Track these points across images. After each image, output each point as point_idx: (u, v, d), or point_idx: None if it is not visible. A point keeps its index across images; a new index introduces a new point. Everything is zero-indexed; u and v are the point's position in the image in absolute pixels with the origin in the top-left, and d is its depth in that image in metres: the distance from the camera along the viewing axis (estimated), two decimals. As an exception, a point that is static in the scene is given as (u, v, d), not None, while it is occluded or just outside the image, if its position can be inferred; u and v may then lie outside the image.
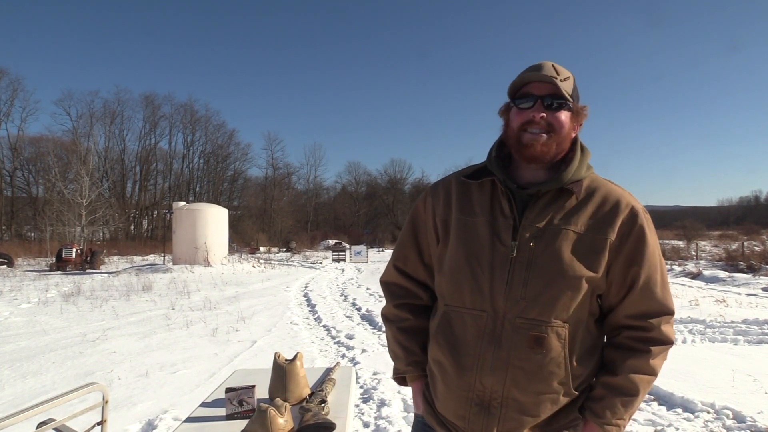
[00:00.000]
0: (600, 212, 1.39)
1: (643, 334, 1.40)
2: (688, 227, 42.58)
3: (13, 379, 5.51)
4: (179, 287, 14.63)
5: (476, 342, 1.38)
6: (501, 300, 1.36)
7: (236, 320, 9.09)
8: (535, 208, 1.39)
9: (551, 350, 1.34)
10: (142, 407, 4.55)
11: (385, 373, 5.53)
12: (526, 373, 1.34)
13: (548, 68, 1.40)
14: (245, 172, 72.14)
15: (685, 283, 15.83)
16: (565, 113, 1.41)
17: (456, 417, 1.43)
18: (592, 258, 1.35)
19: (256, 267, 23.67)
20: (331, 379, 2.32)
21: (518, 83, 1.43)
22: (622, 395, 1.36)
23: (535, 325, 1.34)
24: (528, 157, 1.41)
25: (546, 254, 1.35)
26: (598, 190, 1.42)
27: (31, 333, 8.09)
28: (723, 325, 8.03)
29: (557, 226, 1.37)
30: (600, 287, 1.40)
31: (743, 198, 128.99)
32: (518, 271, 1.35)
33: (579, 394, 1.40)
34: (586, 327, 1.41)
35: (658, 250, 1.43)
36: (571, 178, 1.40)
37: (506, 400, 1.36)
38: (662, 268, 1.43)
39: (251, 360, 6.29)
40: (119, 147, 61.70)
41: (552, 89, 1.38)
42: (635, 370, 1.37)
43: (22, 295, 13.22)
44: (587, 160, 1.47)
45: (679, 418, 4.25)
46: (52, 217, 32.88)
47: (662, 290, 1.41)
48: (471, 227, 1.44)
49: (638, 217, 1.39)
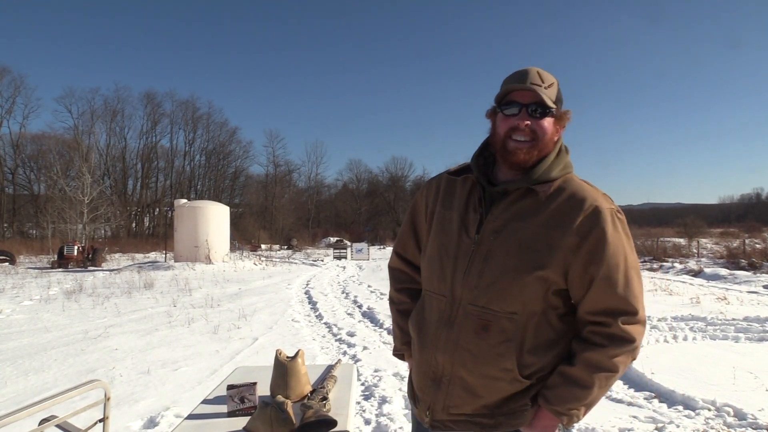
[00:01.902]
0: (561, 211, 1.44)
1: (603, 329, 1.43)
2: (690, 225, 42.54)
3: (15, 376, 5.53)
4: (181, 284, 14.65)
5: (436, 323, 1.52)
6: (458, 287, 1.48)
7: (238, 317, 9.10)
8: (500, 204, 1.49)
9: (496, 337, 1.42)
10: (144, 404, 4.56)
11: (386, 370, 5.53)
12: (472, 355, 1.44)
13: (533, 76, 1.46)
14: (247, 170, 72.26)
15: (687, 280, 15.82)
16: (549, 120, 1.48)
17: (418, 389, 1.60)
18: (545, 255, 1.41)
19: (257, 264, 23.70)
20: (333, 377, 2.33)
21: (505, 92, 1.49)
22: (575, 386, 1.40)
23: (484, 313, 1.44)
24: (511, 163, 1.50)
25: (502, 248, 1.44)
26: (566, 191, 1.47)
27: (33, 330, 8.11)
28: (724, 323, 8.03)
29: (517, 223, 1.45)
30: (557, 283, 1.44)
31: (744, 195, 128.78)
32: (476, 262, 1.46)
33: (534, 382, 1.45)
34: (545, 320, 1.46)
35: (625, 251, 1.45)
36: (538, 178, 1.46)
37: (454, 378, 1.48)
38: (627, 269, 1.44)
39: (252, 357, 6.30)
40: (120, 144, 61.78)
41: (536, 97, 1.44)
42: (590, 363, 1.41)
43: (24, 292, 13.25)
44: (563, 161, 1.52)
45: (680, 415, 4.25)
46: (54, 215, 32.88)
47: (624, 290, 1.42)
48: (447, 220, 1.57)
49: (600, 217, 1.42)
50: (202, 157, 68.07)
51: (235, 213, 47.55)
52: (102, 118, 59.55)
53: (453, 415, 1.51)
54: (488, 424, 1.48)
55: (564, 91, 1.55)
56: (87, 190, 30.88)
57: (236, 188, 70.60)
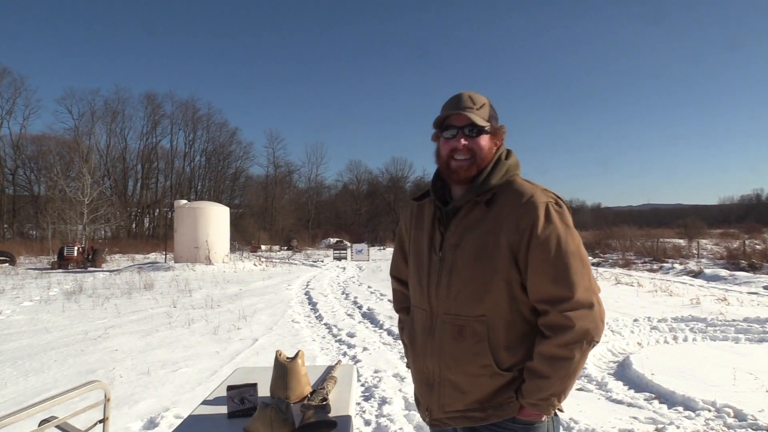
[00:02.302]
0: (503, 214, 1.57)
1: (545, 319, 1.52)
2: (690, 225, 42.53)
3: (15, 377, 5.53)
4: (181, 285, 14.65)
5: (421, 334, 1.71)
6: (434, 299, 1.65)
7: (238, 318, 9.10)
8: (455, 220, 1.65)
9: (471, 339, 1.57)
10: (144, 405, 4.56)
11: (386, 371, 5.53)
12: (453, 358, 1.60)
13: (465, 100, 1.63)
14: (247, 171, 72.21)
15: (687, 281, 15.82)
16: (484, 137, 1.64)
17: (418, 393, 1.79)
18: (498, 258, 1.54)
19: (257, 265, 23.68)
20: (333, 377, 2.33)
21: (442, 117, 1.65)
22: (537, 378, 1.51)
23: (457, 319, 1.59)
24: (455, 181, 1.66)
25: (462, 260, 1.59)
26: (506, 194, 1.60)
27: (33, 331, 8.11)
28: (724, 324, 8.03)
29: (469, 234, 1.60)
30: (517, 279, 1.55)
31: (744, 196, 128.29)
32: (444, 275, 1.63)
33: (516, 374, 1.56)
34: (517, 316, 1.57)
35: (560, 239, 1.51)
36: (478, 189, 1.61)
37: (443, 380, 1.63)
38: (563, 256, 1.50)
39: (252, 358, 6.30)
40: (121, 145, 61.77)
41: (469, 120, 1.61)
42: (544, 355, 1.50)
43: (24, 293, 13.25)
44: (503, 168, 1.64)
45: (680, 416, 4.24)
46: (54, 216, 32.86)
47: (558, 277, 1.49)
48: (419, 240, 1.76)
49: (537, 210, 1.52)
50: (202, 158, 68.12)
51: (235, 214, 47.52)
52: (102, 119, 59.57)
53: (448, 412, 1.65)
54: (480, 417, 1.59)
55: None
56: (87, 190, 30.89)
57: (236, 189, 70.61)
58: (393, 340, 7.26)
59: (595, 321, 1.50)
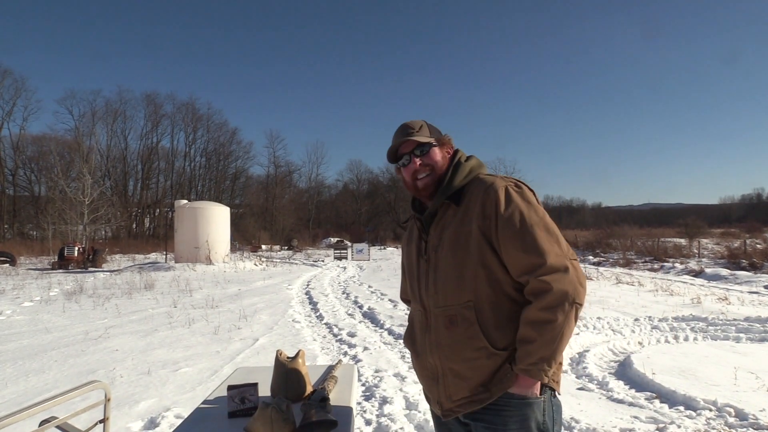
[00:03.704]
0: (469, 205, 1.72)
1: (528, 288, 1.62)
2: (690, 225, 42.50)
3: (16, 377, 5.53)
4: (181, 285, 14.65)
5: (420, 333, 1.84)
6: (425, 298, 1.79)
7: (238, 318, 9.10)
8: (432, 225, 1.82)
9: (462, 325, 1.67)
10: (144, 405, 4.56)
11: (387, 371, 5.53)
12: (450, 348, 1.70)
13: (405, 129, 1.85)
14: (247, 171, 72.28)
15: (687, 280, 15.81)
16: (434, 150, 1.84)
17: (426, 389, 1.89)
18: (469, 244, 1.68)
19: (257, 265, 23.69)
20: (333, 377, 2.33)
21: (392, 151, 1.87)
22: (525, 344, 1.59)
23: (446, 310, 1.71)
24: (426, 196, 1.86)
25: (442, 257, 1.74)
26: (471, 189, 1.76)
27: (34, 331, 8.11)
28: (725, 323, 8.02)
29: (445, 233, 1.76)
30: (495, 262, 1.66)
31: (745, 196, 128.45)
32: (431, 275, 1.78)
33: (511, 352, 1.64)
34: (503, 297, 1.67)
35: (522, 213, 1.64)
36: (446, 192, 1.77)
37: (445, 371, 1.73)
38: (528, 228, 1.62)
39: (253, 358, 6.29)
40: (121, 146, 61.87)
41: (414, 143, 1.82)
42: (528, 321, 1.59)
43: (25, 293, 13.26)
44: (465, 170, 1.82)
45: (681, 415, 4.24)
46: (55, 216, 32.90)
47: (528, 247, 1.61)
48: (409, 253, 1.95)
49: (496, 192, 1.67)
50: (202, 158, 68.20)
51: (236, 214, 47.54)
52: (103, 120, 59.66)
53: (456, 401, 1.72)
54: (486, 397, 1.67)
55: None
56: (87, 191, 30.90)
57: (237, 189, 70.66)
58: (393, 339, 7.26)
59: (573, 283, 1.58)
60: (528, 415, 1.63)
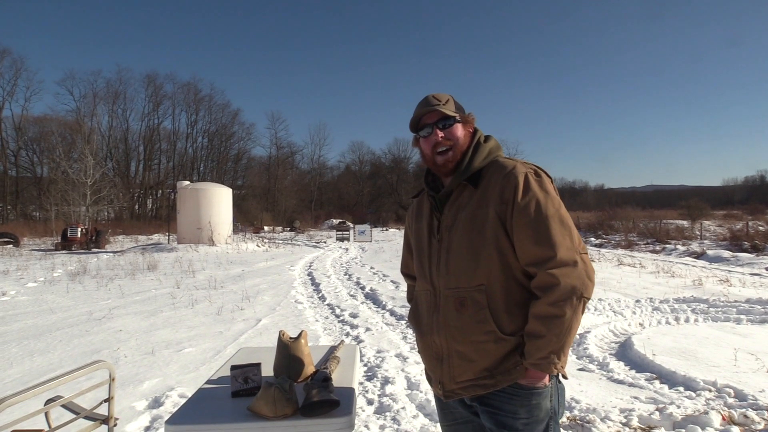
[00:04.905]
0: (488, 188, 1.70)
1: (535, 280, 1.63)
2: (693, 207, 42.34)
3: (21, 357, 5.58)
4: (184, 266, 14.71)
5: (427, 312, 1.82)
6: (435, 278, 1.78)
7: (241, 299, 9.15)
8: (447, 205, 1.79)
9: (472, 308, 1.67)
10: (149, 384, 4.60)
11: (388, 351, 5.57)
12: (458, 329, 1.70)
13: (431, 100, 1.79)
14: (249, 152, 72.18)
15: (689, 262, 15.81)
16: (457, 126, 1.80)
17: (428, 369, 1.88)
18: (486, 228, 1.67)
19: (260, 246, 23.75)
20: (336, 357, 2.34)
21: (415, 120, 1.83)
22: (535, 338, 1.60)
23: (457, 292, 1.70)
24: (444, 173, 1.82)
25: (456, 238, 1.72)
26: (490, 172, 1.74)
27: (38, 311, 8.16)
28: (726, 305, 8.04)
29: (461, 213, 1.73)
30: (508, 247, 1.66)
31: (748, 178, 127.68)
32: (443, 255, 1.76)
33: (518, 339, 1.65)
34: (513, 282, 1.67)
35: (539, 203, 1.63)
36: (464, 172, 1.75)
37: (451, 352, 1.73)
38: (544, 219, 1.61)
39: (256, 338, 6.34)
40: (123, 127, 61.75)
41: (439, 114, 1.77)
42: (538, 316, 1.60)
43: (29, 274, 13.33)
44: (485, 151, 1.80)
45: (681, 396, 4.27)
46: (57, 197, 32.93)
47: (541, 239, 1.61)
48: (419, 230, 1.91)
49: (517, 179, 1.66)
50: (204, 139, 68.09)
51: (238, 195, 47.55)
52: (104, 101, 59.48)
53: (459, 383, 1.73)
54: (490, 383, 1.68)
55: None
56: (90, 172, 30.88)
57: (239, 170, 70.61)
58: (395, 320, 7.29)
59: (581, 278, 1.58)
60: (538, 403, 1.67)
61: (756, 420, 3.72)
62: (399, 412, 3.90)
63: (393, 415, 3.86)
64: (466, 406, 1.81)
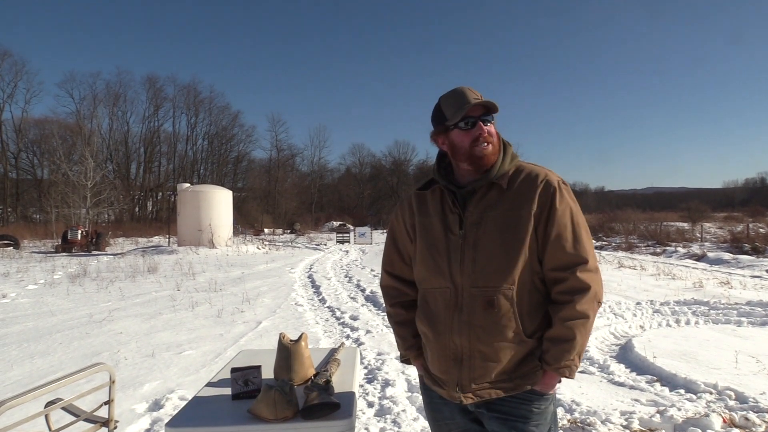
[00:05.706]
0: (521, 192, 1.70)
1: (564, 285, 1.66)
2: (693, 209, 42.38)
3: (21, 359, 5.57)
4: (184, 269, 14.70)
5: (445, 311, 1.73)
6: (457, 276, 1.71)
7: (241, 301, 9.14)
8: (473, 201, 1.74)
9: (501, 308, 1.65)
10: (149, 387, 4.60)
11: (389, 354, 5.56)
12: (484, 329, 1.66)
13: (469, 93, 1.72)
14: (249, 154, 72.18)
15: (690, 264, 15.81)
16: (493, 125, 1.76)
17: (440, 372, 1.78)
18: (520, 229, 1.67)
19: (260, 248, 23.75)
20: (336, 360, 2.34)
21: (457, 110, 1.72)
22: (562, 343, 1.63)
23: (486, 291, 1.66)
24: (483, 166, 1.73)
25: (485, 236, 1.69)
26: (520, 175, 1.74)
27: (38, 314, 8.16)
28: (727, 307, 8.04)
29: (490, 212, 1.70)
30: (535, 251, 1.69)
31: (749, 180, 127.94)
32: (467, 252, 1.70)
33: (536, 343, 1.69)
34: (533, 285, 1.70)
35: (572, 213, 1.71)
36: (496, 174, 1.72)
37: (473, 353, 1.68)
38: (575, 228, 1.70)
39: (256, 341, 6.33)
40: (123, 129, 61.77)
41: (483, 109, 1.72)
42: (566, 319, 1.63)
43: (29, 276, 13.33)
44: (510, 155, 1.79)
45: (681, 398, 4.26)
46: (57, 199, 32.92)
47: (575, 245, 1.68)
48: (428, 226, 1.83)
49: (551, 187, 1.69)
50: (204, 142, 68.09)
51: (238, 197, 47.57)
52: (104, 103, 59.51)
53: (480, 384, 1.70)
54: (508, 387, 1.69)
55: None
56: (90, 174, 30.88)
57: (239, 172, 70.61)
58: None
59: (600, 283, 1.68)
60: (547, 408, 1.72)
61: (757, 422, 3.72)
62: (399, 414, 3.91)
63: (393, 418, 3.86)
64: (466, 412, 1.78)
